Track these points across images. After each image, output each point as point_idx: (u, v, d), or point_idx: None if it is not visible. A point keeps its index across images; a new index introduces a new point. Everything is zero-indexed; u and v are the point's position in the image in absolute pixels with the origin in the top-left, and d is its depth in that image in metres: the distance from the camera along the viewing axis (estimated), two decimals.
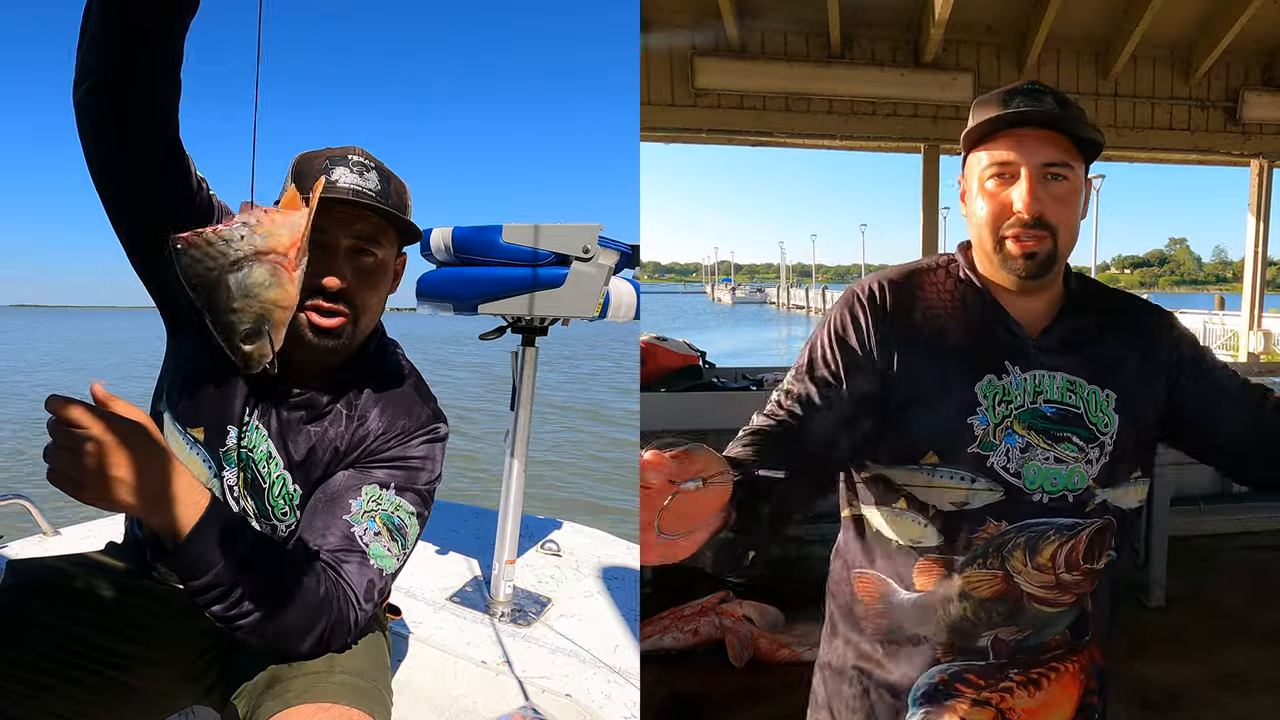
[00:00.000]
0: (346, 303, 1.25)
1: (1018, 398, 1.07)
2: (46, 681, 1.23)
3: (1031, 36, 4.35)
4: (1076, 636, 1.12)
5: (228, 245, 0.92)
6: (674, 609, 2.95)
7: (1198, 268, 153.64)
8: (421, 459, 1.35)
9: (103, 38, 1.05)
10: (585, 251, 2.16)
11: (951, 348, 1.09)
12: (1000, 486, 1.06)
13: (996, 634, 1.09)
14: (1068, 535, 1.07)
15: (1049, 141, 1.05)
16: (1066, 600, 1.09)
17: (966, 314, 1.11)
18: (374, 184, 1.26)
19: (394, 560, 1.26)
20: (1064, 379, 1.08)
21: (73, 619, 1.31)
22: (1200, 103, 4.74)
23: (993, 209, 1.07)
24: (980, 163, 1.09)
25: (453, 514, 3.29)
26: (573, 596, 2.60)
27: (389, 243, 1.31)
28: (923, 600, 1.10)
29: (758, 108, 4.34)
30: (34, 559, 1.42)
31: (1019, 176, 1.05)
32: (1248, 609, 3.21)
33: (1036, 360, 1.08)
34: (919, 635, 1.11)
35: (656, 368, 3.61)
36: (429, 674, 2.05)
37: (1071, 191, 1.07)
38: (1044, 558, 1.06)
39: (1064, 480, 1.07)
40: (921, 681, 1.11)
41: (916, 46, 4.40)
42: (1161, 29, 4.41)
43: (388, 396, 1.37)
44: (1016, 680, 1.10)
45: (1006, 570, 1.07)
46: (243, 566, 1.06)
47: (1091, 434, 1.07)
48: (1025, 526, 1.06)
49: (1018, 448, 1.06)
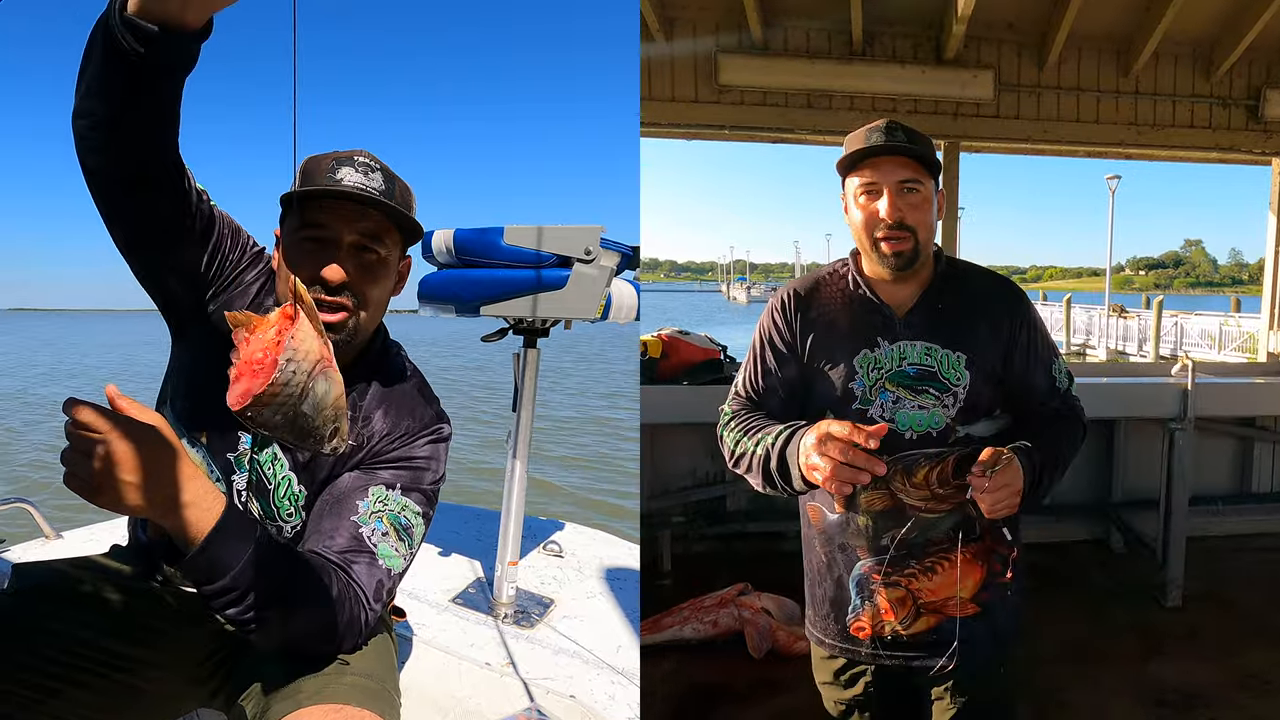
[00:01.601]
0: (349, 296, 1.27)
1: (886, 364, 1.44)
2: (54, 686, 1.24)
3: (1053, 34, 4.33)
4: (964, 534, 1.44)
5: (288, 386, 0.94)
6: (694, 600, 2.98)
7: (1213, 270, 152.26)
8: (426, 459, 1.37)
9: (101, 91, 1.05)
10: (587, 253, 2.18)
11: (838, 332, 1.47)
12: None
13: (893, 534, 1.43)
14: (936, 460, 1.41)
15: (902, 165, 1.39)
16: (944, 508, 1.42)
17: (850, 305, 1.49)
18: (379, 183, 1.28)
19: (401, 560, 1.28)
20: (923, 346, 1.44)
21: (79, 623, 1.31)
22: (1222, 101, 4.70)
23: (865, 217, 1.42)
24: (854, 184, 1.43)
25: (455, 516, 3.30)
26: (575, 597, 2.62)
27: (392, 242, 1.32)
28: (841, 519, 1.48)
29: (780, 104, 4.35)
30: (39, 563, 1.43)
31: (882, 192, 1.39)
32: (1265, 609, 3.20)
33: (901, 334, 1.45)
34: (845, 544, 1.49)
35: (679, 361, 3.62)
36: (433, 676, 2.06)
37: (924, 200, 1.41)
38: (918, 479, 1.42)
39: (927, 421, 1.43)
40: (854, 574, 1.49)
41: (938, 44, 4.39)
42: (1183, 26, 4.38)
43: (392, 398, 1.38)
44: (916, 568, 1.45)
45: (890, 489, 1.43)
46: (258, 570, 1.05)
47: (945, 386, 1.43)
48: (901, 457, 1.41)
49: (890, 400, 1.43)
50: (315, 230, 1.26)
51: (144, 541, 1.43)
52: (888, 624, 1.47)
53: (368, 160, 1.30)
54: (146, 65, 1.00)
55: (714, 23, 4.26)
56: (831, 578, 1.52)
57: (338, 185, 1.25)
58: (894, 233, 1.39)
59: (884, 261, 1.42)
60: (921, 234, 1.40)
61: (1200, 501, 3.80)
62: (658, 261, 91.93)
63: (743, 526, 3.79)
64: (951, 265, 1.52)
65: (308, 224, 1.26)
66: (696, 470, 3.85)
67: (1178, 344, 17.33)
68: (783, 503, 4.12)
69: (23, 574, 1.39)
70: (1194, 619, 3.10)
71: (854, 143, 1.43)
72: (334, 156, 1.29)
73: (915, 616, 1.47)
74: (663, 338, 3.66)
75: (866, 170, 1.41)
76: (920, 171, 1.40)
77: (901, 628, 1.47)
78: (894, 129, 1.41)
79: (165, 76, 1.04)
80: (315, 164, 1.29)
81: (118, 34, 0.98)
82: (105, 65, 1.01)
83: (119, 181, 1.14)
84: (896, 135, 1.40)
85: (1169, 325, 18.04)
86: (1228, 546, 3.81)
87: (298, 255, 1.26)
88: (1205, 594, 3.25)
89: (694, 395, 3.56)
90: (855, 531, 1.47)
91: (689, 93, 4.27)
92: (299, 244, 1.27)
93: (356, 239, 1.27)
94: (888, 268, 1.43)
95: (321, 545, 1.22)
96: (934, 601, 1.46)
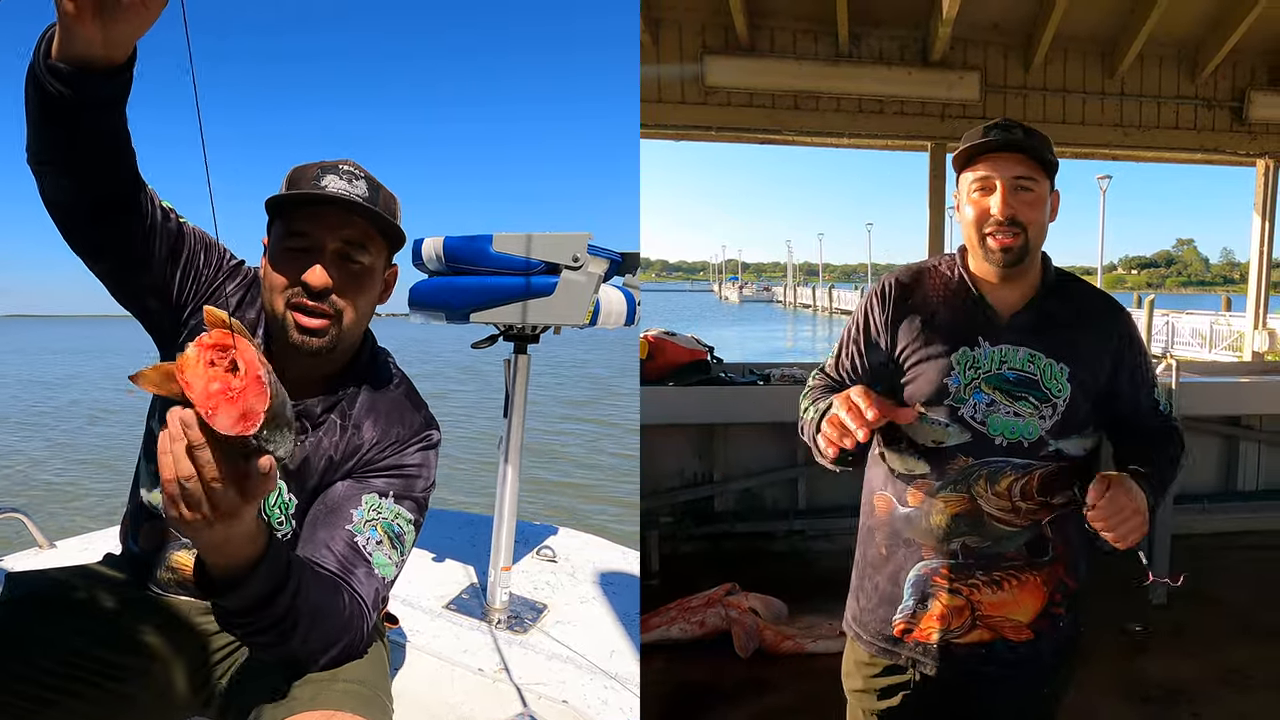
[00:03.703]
0: (331, 304, 1.27)
1: (985, 364, 1.39)
2: (49, 696, 1.24)
3: (1038, 35, 4.35)
4: (1035, 554, 1.41)
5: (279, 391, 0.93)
6: (681, 600, 2.99)
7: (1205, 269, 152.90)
8: (417, 466, 1.37)
9: (43, 133, 1.07)
10: (575, 260, 2.19)
11: (938, 326, 1.43)
12: (968, 431, 1.39)
13: (964, 541, 1.40)
14: (1022, 472, 1.38)
15: (1018, 162, 1.36)
16: (1021, 523, 1.40)
17: (953, 300, 1.45)
18: (363, 191, 1.28)
19: (394, 569, 1.28)
20: (1026, 352, 1.39)
21: (73, 631, 1.31)
22: (1207, 102, 4.73)
23: (976, 213, 1.38)
24: (967, 180, 1.40)
25: (447, 521, 3.29)
26: (569, 602, 2.61)
27: (376, 250, 1.32)
28: (912, 514, 1.44)
29: (767, 105, 4.35)
30: (33, 572, 1.43)
31: (996, 188, 1.36)
32: (1250, 607, 3.23)
33: (1004, 337, 1.40)
34: (911, 539, 1.45)
35: (665, 362, 3.63)
36: (426, 682, 2.06)
37: (1038, 199, 1.38)
38: (1001, 487, 1.38)
39: (1020, 430, 1.38)
40: (913, 573, 1.44)
41: (924, 45, 4.40)
42: (1168, 28, 4.40)
43: (380, 405, 1.39)
44: (981, 579, 1.41)
45: (971, 493, 1.39)
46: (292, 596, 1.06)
47: (1045, 396, 1.38)
48: (987, 463, 1.38)
49: (984, 403, 1.38)
50: (299, 239, 1.27)
51: (135, 553, 1.43)
52: (938, 630, 1.43)
53: (352, 169, 1.30)
54: (78, 103, 1.01)
55: (700, 24, 4.28)
56: (885, 572, 1.48)
57: (321, 193, 1.25)
58: (1004, 228, 1.35)
59: (990, 257, 1.38)
60: (1032, 232, 1.37)
61: (1186, 500, 3.83)
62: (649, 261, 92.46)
63: (730, 527, 3.81)
64: (1061, 275, 1.47)
65: (292, 232, 1.27)
66: (684, 471, 3.86)
67: (1169, 343, 17.43)
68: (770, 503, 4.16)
69: (17, 583, 1.38)
70: (1179, 616, 3.13)
71: (971, 139, 1.40)
72: (319, 165, 1.30)
73: (970, 628, 1.42)
74: (649, 338, 3.67)
75: (981, 166, 1.38)
76: (1036, 170, 1.37)
77: (954, 637, 1.42)
78: (1011, 126, 1.38)
79: (100, 110, 1.05)
80: (300, 173, 1.30)
81: (44, 80, 1.00)
82: (40, 109, 1.03)
83: (79, 212, 1.16)
84: (1014, 132, 1.37)
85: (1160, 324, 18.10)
86: (1213, 544, 3.84)
87: (281, 262, 1.27)
88: (1190, 592, 3.26)
89: (681, 396, 3.57)
90: (925, 529, 1.42)
91: (676, 94, 4.27)
92: (283, 252, 1.28)
93: (340, 246, 1.27)
94: (995, 264, 1.39)
95: (318, 555, 1.21)
96: (993, 617, 1.42)
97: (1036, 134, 1.39)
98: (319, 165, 1.30)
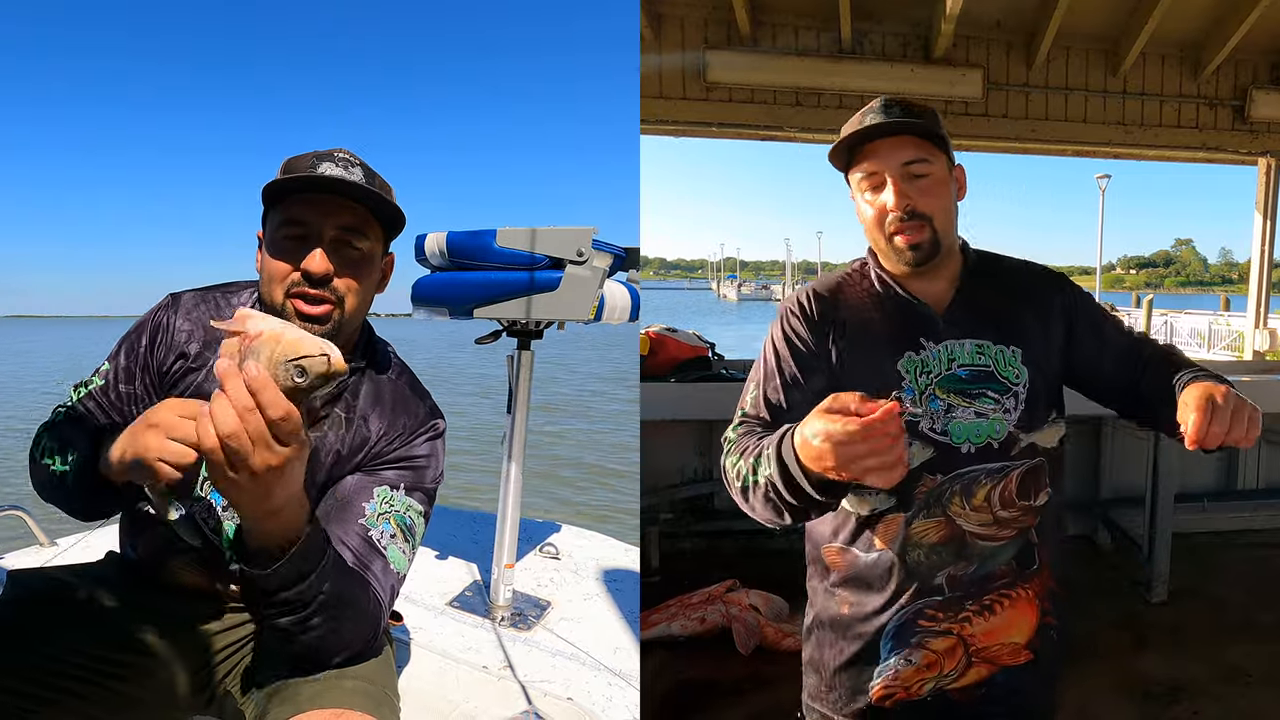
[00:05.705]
0: (332, 290, 1.26)
1: (935, 367, 1.22)
2: (49, 695, 1.23)
3: (1041, 33, 4.35)
4: (1023, 566, 1.25)
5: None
6: (681, 597, 2.98)
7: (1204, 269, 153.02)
8: (426, 457, 1.37)
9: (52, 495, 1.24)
10: (579, 255, 2.16)
11: (873, 334, 1.25)
12: (930, 445, 1.20)
13: (949, 571, 1.22)
14: (998, 477, 1.21)
15: (905, 145, 1.20)
16: (1007, 535, 1.23)
17: (882, 306, 1.27)
18: (358, 177, 1.27)
19: (407, 562, 1.28)
20: (972, 344, 1.24)
21: (74, 630, 1.30)
22: (1209, 101, 4.73)
23: (874, 213, 1.23)
24: (856, 178, 1.26)
25: (451, 519, 3.28)
26: (572, 599, 2.60)
27: (374, 236, 1.31)
28: (882, 557, 1.23)
29: (768, 102, 4.36)
30: (34, 570, 1.42)
31: (886, 182, 1.21)
32: (1250, 605, 3.22)
33: (946, 332, 1.24)
34: (884, 586, 1.24)
35: (667, 358, 3.63)
36: (430, 679, 2.05)
37: (936, 182, 1.22)
38: (978, 500, 1.21)
39: (986, 430, 1.21)
40: (890, 624, 1.24)
41: (927, 42, 4.41)
42: (1171, 27, 4.40)
43: (384, 396, 1.38)
44: (972, 610, 1.23)
45: (948, 515, 1.21)
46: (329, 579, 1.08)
47: (1004, 387, 1.22)
48: (958, 476, 1.21)
49: (941, 410, 1.21)
50: (296, 227, 1.25)
51: (132, 559, 1.42)
52: (931, 680, 1.23)
53: (347, 156, 1.29)
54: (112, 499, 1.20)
55: (702, 20, 4.27)
56: (853, 633, 1.27)
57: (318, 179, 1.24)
58: (906, 224, 1.20)
59: (901, 257, 1.23)
60: (938, 220, 1.21)
61: (1186, 499, 3.83)
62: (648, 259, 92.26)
63: (730, 524, 3.80)
64: (981, 255, 1.33)
65: (289, 220, 1.26)
66: (684, 467, 3.85)
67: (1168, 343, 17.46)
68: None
69: (18, 581, 1.38)
70: (1179, 614, 3.13)
71: (848, 129, 1.24)
72: (314, 154, 1.29)
73: (965, 668, 1.23)
74: (650, 334, 3.66)
75: (866, 159, 1.23)
76: (927, 149, 1.21)
77: (949, 683, 1.23)
78: (890, 105, 1.22)
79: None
80: (295, 162, 1.29)
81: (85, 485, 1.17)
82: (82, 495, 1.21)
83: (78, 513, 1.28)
84: (892, 111, 1.21)
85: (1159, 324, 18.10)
86: (1213, 543, 3.84)
87: (279, 251, 1.26)
88: (1190, 590, 3.27)
89: (681, 392, 3.56)
90: (903, 571, 1.22)
91: (677, 90, 4.27)
92: (280, 240, 1.26)
93: (337, 233, 1.26)
94: (906, 263, 1.23)
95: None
96: (987, 648, 1.24)
97: (919, 107, 1.24)
98: (314, 154, 1.29)
